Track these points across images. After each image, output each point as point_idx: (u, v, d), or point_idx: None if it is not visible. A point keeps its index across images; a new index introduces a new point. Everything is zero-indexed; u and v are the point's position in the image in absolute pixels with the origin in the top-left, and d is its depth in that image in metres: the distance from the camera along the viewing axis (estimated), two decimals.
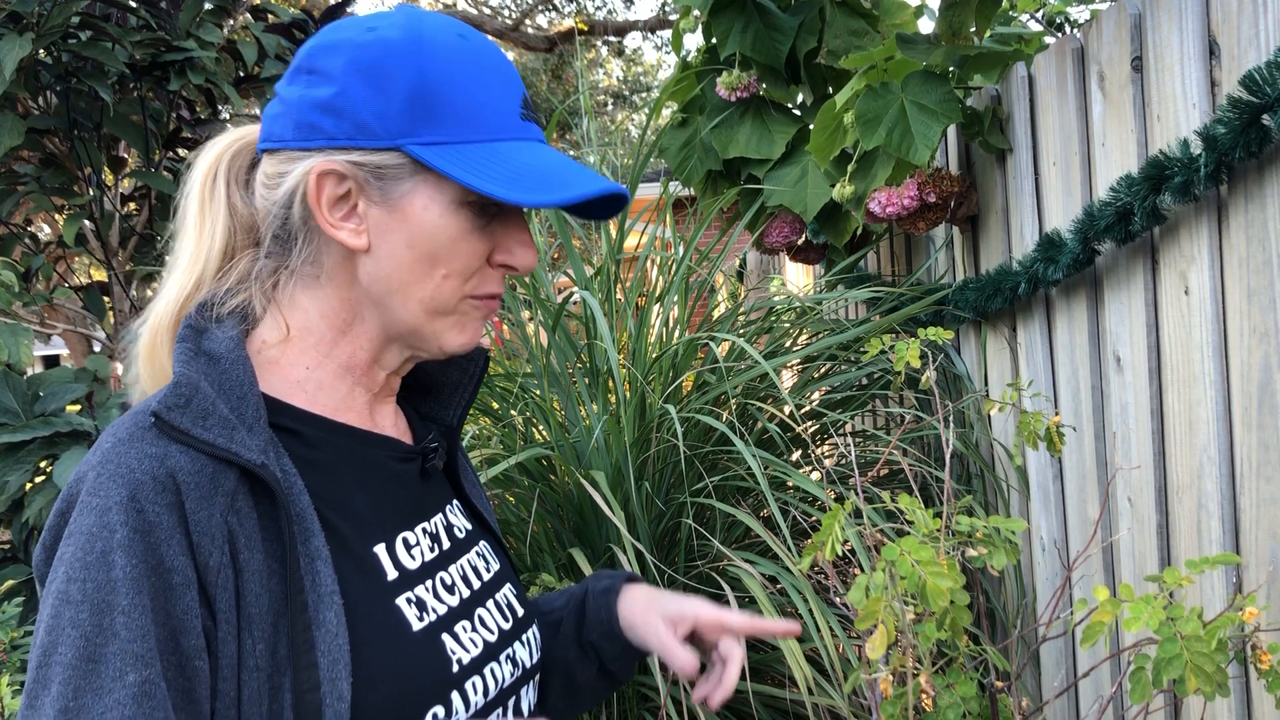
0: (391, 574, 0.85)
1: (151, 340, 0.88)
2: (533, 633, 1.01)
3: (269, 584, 0.76)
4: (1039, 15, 3.81)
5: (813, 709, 1.85)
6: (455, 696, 0.85)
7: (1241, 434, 1.61)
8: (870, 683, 1.49)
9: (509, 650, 0.94)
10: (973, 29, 2.25)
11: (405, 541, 0.89)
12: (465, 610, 0.91)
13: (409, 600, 0.85)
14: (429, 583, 0.89)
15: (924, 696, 1.42)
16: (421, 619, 0.85)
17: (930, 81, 2.16)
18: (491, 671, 0.90)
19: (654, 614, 1.06)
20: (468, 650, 0.88)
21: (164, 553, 0.73)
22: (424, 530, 0.92)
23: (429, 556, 0.91)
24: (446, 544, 0.94)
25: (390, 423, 0.96)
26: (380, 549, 0.86)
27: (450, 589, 0.91)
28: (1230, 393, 1.63)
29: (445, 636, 0.86)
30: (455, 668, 0.86)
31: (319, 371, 0.89)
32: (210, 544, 0.74)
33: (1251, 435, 1.59)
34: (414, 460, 0.95)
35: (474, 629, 0.90)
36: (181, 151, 3.21)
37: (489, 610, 0.94)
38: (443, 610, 0.88)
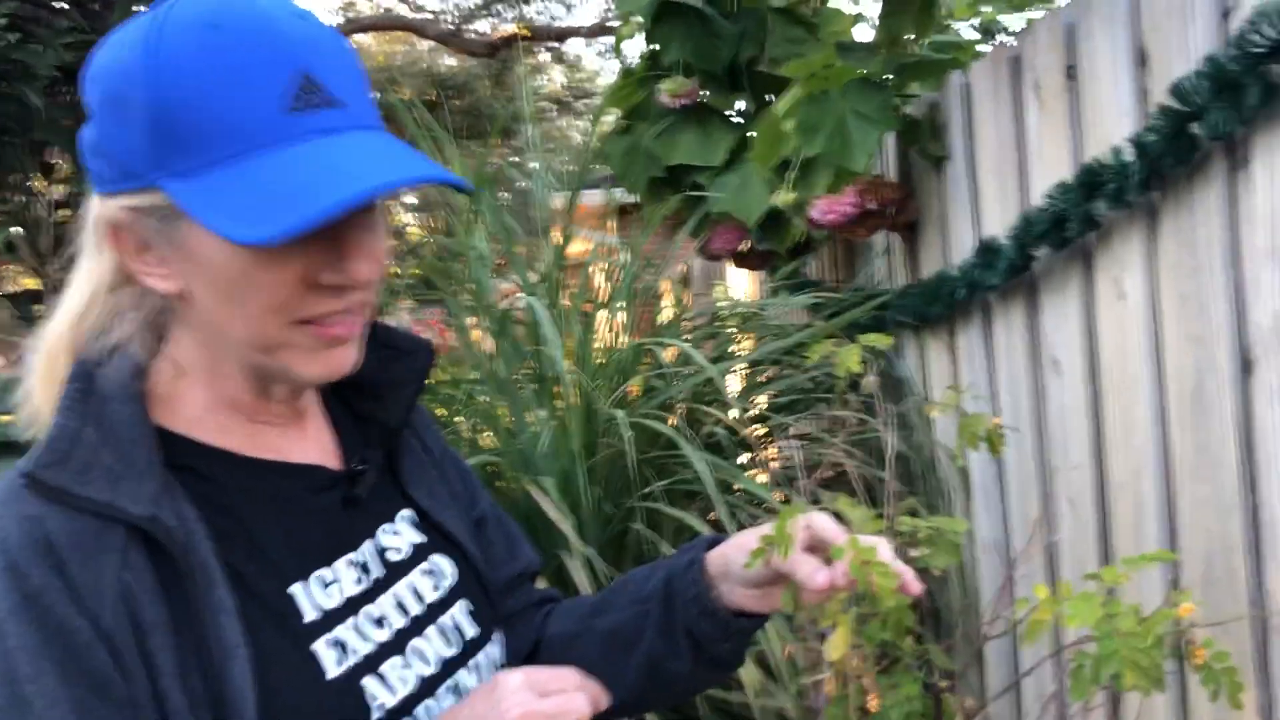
0: (310, 615, 0.80)
1: (50, 363, 0.81)
2: (487, 652, 0.93)
3: (174, 639, 0.72)
4: (975, 24, 3.86)
5: (760, 712, 1.86)
6: None
7: (1177, 435, 1.65)
8: (815, 684, 1.51)
9: (452, 680, 0.88)
10: (911, 35, 2.28)
11: (321, 579, 0.83)
12: (397, 644, 0.85)
13: (329, 643, 0.80)
14: (353, 620, 0.83)
15: (870, 697, 1.43)
16: (341, 663, 0.80)
17: (869, 89, 2.18)
18: (427, 709, 0.84)
19: (745, 538, 0.93)
20: (394, 691, 0.82)
21: (61, 614, 0.68)
22: (349, 562, 0.85)
23: (354, 591, 0.84)
24: (379, 572, 0.87)
25: (313, 443, 0.89)
26: (297, 589, 0.80)
27: (380, 622, 0.85)
28: (1165, 396, 1.67)
29: (368, 680, 0.81)
30: (376, 715, 0.80)
31: (213, 410, 0.82)
32: (100, 606, 0.70)
33: (1186, 437, 1.63)
34: (336, 488, 0.88)
35: (406, 664, 0.84)
36: None
37: (428, 639, 0.88)
38: (368, 649, 0.82)
